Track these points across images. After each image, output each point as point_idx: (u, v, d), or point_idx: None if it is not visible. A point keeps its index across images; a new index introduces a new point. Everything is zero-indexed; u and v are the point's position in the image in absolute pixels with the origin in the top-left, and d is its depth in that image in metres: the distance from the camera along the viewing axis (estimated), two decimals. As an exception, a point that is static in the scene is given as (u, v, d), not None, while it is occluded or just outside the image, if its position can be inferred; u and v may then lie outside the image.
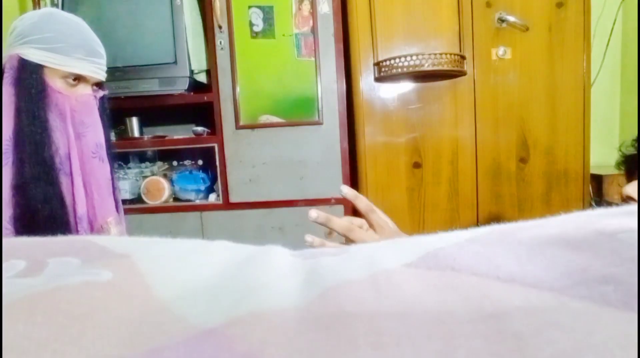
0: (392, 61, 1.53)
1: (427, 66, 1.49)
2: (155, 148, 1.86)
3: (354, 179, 1.75)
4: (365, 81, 1.64)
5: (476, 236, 0.30)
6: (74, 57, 0.95)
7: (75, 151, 0.93)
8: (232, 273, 0.27)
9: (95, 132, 0.98)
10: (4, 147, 0.86)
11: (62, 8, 1.56)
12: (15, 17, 0.93)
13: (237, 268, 0.28)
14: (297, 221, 1.78)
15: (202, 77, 1.85)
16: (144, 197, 1.81)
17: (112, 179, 1.05)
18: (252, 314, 0.21)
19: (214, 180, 1.87)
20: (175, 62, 1.64)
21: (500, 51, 1.61)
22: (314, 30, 1.70)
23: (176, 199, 1.87)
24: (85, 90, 0.99)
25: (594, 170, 1.69)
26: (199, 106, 1.80)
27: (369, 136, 1.66)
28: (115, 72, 1.59)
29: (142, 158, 1.92)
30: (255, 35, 1.75)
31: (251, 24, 1.76)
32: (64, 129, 0.94)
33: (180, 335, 0.19)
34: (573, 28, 1.60)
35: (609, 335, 0.17)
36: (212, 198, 1.84)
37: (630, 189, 0.89)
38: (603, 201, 1.67)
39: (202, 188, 1.86)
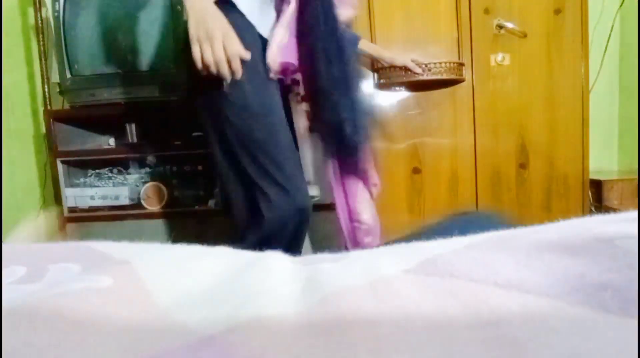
0: (391, 70, 1.53)
1: (426, 76, 1.50)
2: (155, 154, 1.87)
3: (353, 184, 1.76)
4: (365, 88, 1.64)
5: (475, 242, 0.30)
6: None
7: None
8: (232, 280, 0.27)
9: None
10: None
11: (64, 13, 1.56)
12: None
13: (237, 274, 0.28)
14: (296, 227, 1.77)
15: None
16: (143, 203, 1.81)
17: None
18: (252, 320, 0.21)
19: (213, 186, 1.87)
20: (175, 68, 1.65)
21: (499, 57, 1.61)
22: (313, 37, 1.71)
23: (176, 205, 1.87)
24: None
25: (593, 175, 1.69)
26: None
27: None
28: (115, 77, 1.60)
29: (141, 163, 1.92)
30: (255, 41, 1.76)
31: (251, 31, 1.76)
32: None
33: (181, 341, 0.19)
34: (571, 34, 1.61)
35: (606, 340, 0.17)
36: (212, 203, 1.84)
37: None
38: (602, 207, 1.67)
39: (202, 193, 1.86)
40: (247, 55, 0.76)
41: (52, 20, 1.57)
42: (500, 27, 1.59)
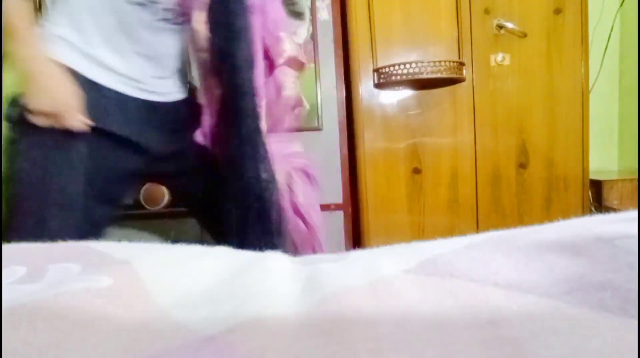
0: (391, 69, 1.53)
1: (426, 74, 1.50)
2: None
3: (353, 185, 1.75)
4: (365, 87, 1.64)
5: (475, 242, 0.30)
6: None
7: None
8: (232, 280, 0.27)
9: None
10: None
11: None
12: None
13: (237, 274, 0.28)
14: (296, 227, 1.77)
15: (202, 84, 1.85)
16: (143, 203, 1.81)
17: None
18: (252, 320, 0.21)
19: (213, 186, 1.87)
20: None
21: (499, 57, 1.61)
22: (313, 37, 1.71)
23: (176, 205, 1.87)
24: None
25: (593, 176, 1.69)
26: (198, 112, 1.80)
27: (369, 141, 1.66)
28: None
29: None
30: (255, 41, 1.76)
31: (251, 31, 1.77)
32: None
33: (181, 341, 0.19)
34: (571, 34, 1.60)
35: (605, 340, 0.17)
36: (212, 203, 1.84)
37: None
38: (602, 207, 1.67)
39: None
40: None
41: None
42: (500, 27, 1.59)
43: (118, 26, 0.80)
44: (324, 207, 1.77)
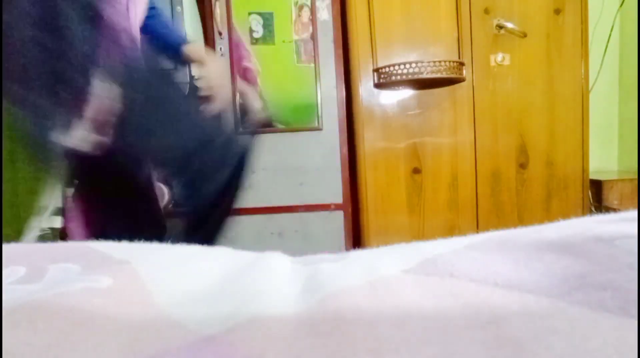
0: (391, 68, 1.53)
1: (426, 74, 1.50)
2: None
3: (353, 184, 1.76)
4: (365, 87, 1.64)
5: (475, 242, 0.30)
6: None
7: None
8: (232, 280, 0.27)
9: None
10: None
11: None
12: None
13: (237, 274, 0.28)
14: (296, 227, 1.77)
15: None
16: (143, 203, 1.81)
17: None
18: (252, 320, 0.21)
19: (213, 186, 1.87)
20: (175, 68, 1.65)
21: (499, 57, 1.61)
22: (313, 37, 1.71)
23: (176, 204, 1.86)
24: None
25: (593, 176, 1.70)
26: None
27: (369, 141, 1.66)
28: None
29: (142, 163, 1.92)
30: (255, 41, 1.76)
31: (251, 30, 1.77)
32: None
33: (180, 341, 0.19)
34: (571, 34, 1.61)
35: (605, 340, 0.17)
36: (212, 203, 1.84)
37: None
38: (602, 207, 1.67)
39: (202, 193, 1.85)
40: None
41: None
42: (500, 27, 1.59)
43: None
44: (324, 207, 1.77)
